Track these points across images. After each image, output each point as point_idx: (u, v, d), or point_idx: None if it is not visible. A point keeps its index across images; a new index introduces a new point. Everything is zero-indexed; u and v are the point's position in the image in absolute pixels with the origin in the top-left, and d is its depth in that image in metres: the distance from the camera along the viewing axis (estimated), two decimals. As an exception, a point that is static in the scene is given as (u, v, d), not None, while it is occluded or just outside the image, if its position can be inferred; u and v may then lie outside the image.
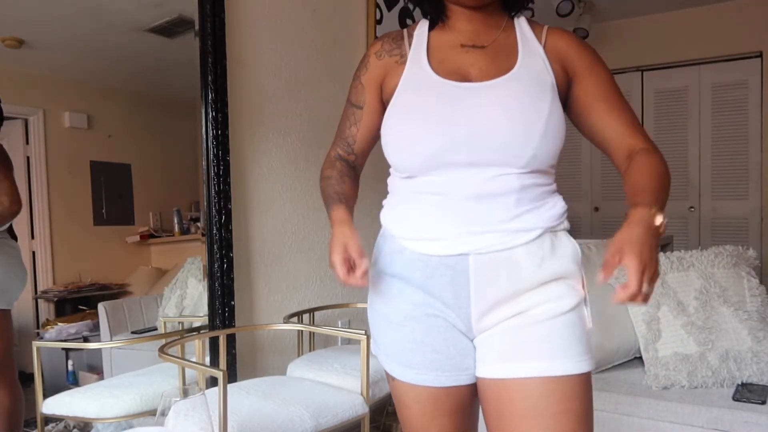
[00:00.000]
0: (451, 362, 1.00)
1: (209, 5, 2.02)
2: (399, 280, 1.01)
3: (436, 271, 0.97)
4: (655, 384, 1.92)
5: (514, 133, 0.93)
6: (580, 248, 1.00)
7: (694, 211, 4.52)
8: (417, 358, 1.00)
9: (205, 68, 2.02)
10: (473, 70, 1.00)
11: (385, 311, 1.04)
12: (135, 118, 2.06)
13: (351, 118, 1.15)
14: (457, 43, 1.03)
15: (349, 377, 1.87)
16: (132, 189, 2.02)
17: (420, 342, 1.00)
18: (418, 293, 0.99)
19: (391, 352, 1.04)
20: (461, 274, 0.96)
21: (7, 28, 1.69)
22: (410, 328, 1.00)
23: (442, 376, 1.00)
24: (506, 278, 0.95)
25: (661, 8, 4.45)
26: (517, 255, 0.95)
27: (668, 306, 2.00)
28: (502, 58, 1.00)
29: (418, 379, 1.01)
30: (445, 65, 1.01)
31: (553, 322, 0.94)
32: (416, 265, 0.99)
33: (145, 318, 2.07)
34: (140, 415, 1.71)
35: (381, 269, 1.05)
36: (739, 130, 4.35)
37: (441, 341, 0.99)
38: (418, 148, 0.96)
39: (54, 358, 1.89)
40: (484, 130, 0.94)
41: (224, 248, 2.06)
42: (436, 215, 0.98)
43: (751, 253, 2.14)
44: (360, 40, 2.86)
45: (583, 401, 0.94)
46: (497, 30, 1.04)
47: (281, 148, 2.40)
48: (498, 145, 0.93)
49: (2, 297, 1.72)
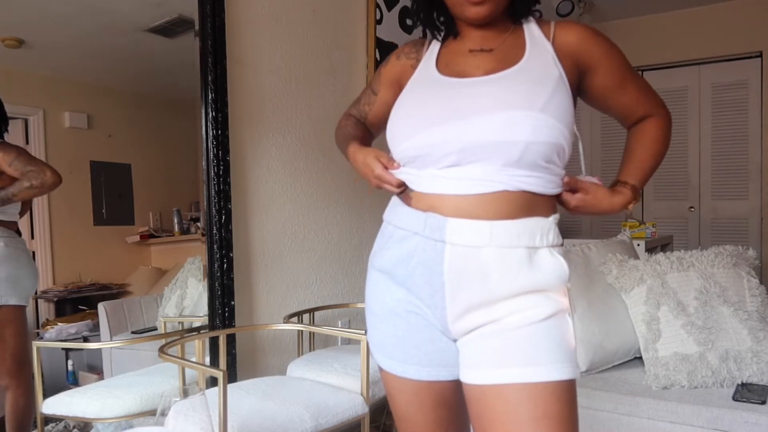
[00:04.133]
0: (430, 358, 1.03)
1: (209, 5, 2.02)
2: (385, 276, 1.05)
3: (415, 270, 0.99)
4: (655, 384, 1.92)
5: (507, 117, 0.93)
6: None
7: (694, 211, 4.52)
8: (398, 351, 1.04)
9: (205, 68, 2.02)
10: (478, 71, 1.02)
11: (372, 305, 1.08)
12: (135, 118, 2.06)
13: (366, 98, 1.24)
14: (466, 49, 1.06)
15: (349, 377, 1.87)
16: (132, 189, 2.02)
17: (401, 337, 1.03)
18: (401, 290, 1.02)
19: (377, 343, 1.08)
20: (437, 276, 0.97)
21: (7, 28, 1.69)
22: (393, 323, 1.04)
23: (422, 370, 1.03)
24: (479, 284, 0.95)
25: (661, 8, 4.45)
26: (489, 263, 0.95)
27: (668, 306, 2.00)
28: (509, 59, 1.02)
29: (399, 371, 1.05)
30: (451, 67, 1.05)
31: (528, 329, 0.94)
32: (399, 262, 1.02)
33: (145, 318, 2.07)
34: (140, 415, 1.71)
35: (372, 264, 1.10)
36: (739, 130, 4.35)
37: (420, 338, 1.02)
38: (411, 139, 0.99)
39: (54, 358, 1.89)
40: (475, 120, 0.94)
41: (224, 248, 2.06)
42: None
43: (751, 253, 2.14)
44: (360, 40, 2.86)
45: (564, 407, 0.92)
46: (504, 33, 1.06)
47: (281, 148, 2.40)
48: (489, 133, 0.93)
49: (15, 292, 1.74)
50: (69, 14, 1.86)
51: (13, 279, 1.75)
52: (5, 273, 1.72)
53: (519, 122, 0.92)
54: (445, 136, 0.95)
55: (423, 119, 0.99)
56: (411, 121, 1.01)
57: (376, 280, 1.07)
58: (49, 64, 1.82)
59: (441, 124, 0.96)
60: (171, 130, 2.19)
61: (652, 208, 4.65)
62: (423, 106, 1.01)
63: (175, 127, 2.20)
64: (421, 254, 0.98)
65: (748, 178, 4.34)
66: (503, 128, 0.92)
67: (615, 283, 2.15)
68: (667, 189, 4.60)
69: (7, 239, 1.73)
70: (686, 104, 4.51)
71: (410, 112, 1.02)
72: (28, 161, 1.73)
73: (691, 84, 4.50)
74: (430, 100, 1.01)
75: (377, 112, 1.22)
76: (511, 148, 0.92)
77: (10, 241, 1.74)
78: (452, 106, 0.97)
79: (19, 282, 1.76)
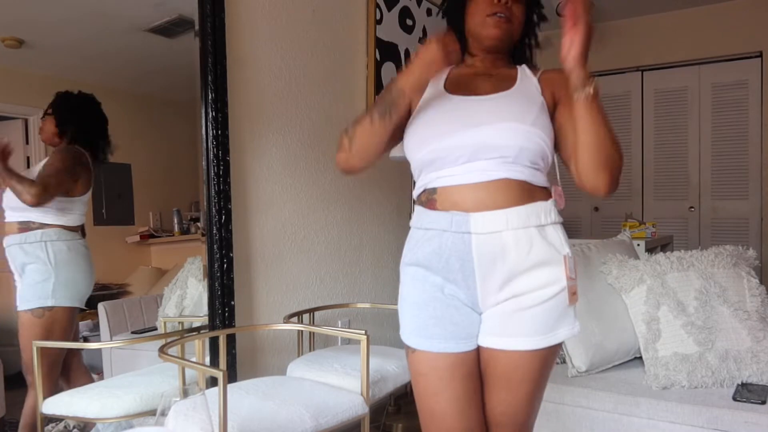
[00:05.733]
0: (465, 332, 1.24)
1: (209, 5, 2.02)
2: (422, 268, 1.25)
3: (449, 260, 1.21)
4: (655, 384, 1.92)
5: (505, 127, 1.19)
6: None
7: (694, 211, 4.52)
8: (439, 329, 1.23)
9: (205, 68, 2.02)
10: (479, 90, 1.27)
11: (409, 296, 1.27)
12: (135, 118, 2.06)
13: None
14: (472, 72, 1.34)
15: (349, 377, 1.87)
16: (132, 189, 2.02)
17: (440, 317, 1.23)
18: (438, 278, 1.23)
19: (415, 328, 1.25)
20: (468, 263, 1.20)
21: (7, 28, 1.69)
22: (433, 306, 1.23)
23: (460, 343, 1.23)
24: (501, 262, 1.19)
25: (661, 8, 4.45)
26: (508, 243, 1.18)
27: (668, 306, 2.00)
28: (503, 82, 1.29)
29: (441, 348, 1.22)
30: (457, 86, 1.30)
31: (536, 309, 1.20)
32: (433, 256, 1.23)
33: (145, 318, 2.07)
34: (140, 415, 1.71)
35: (405, 263, 1.29)
36: (739, 130, 4.35)
37: (457, 316, 1.23)
38: (429, 146, 1.22)
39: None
40: (482, 128, 1.19)
41: (224, 248, 2.06)
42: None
43: (751, 253, 2.14)
44: (360, 40, 2.86)
45: (544, 371, 1.25)
46: (503, 68, 1.34)
47: (281, 148, 2.40)
48: (492, 137, 1.18)
49: (69, 294, 1.83)
50: (69, 14, 1.86)
51: (72, 282, 1.83)
52: (64, 276, 1.81)
53: (515, 131, 1.19)
54: (459, 141, 1.19)
55: (438, 130, 1.22)
56: (427, 132, 1.23)
57: (412, 274, 1.26)
58: (49, 64, 1.82)
59: (455, 132, 1.20)
60: (171, 130, 2.19)
61: (652, 208, 4.65)
62: (437, 119, 1.24)
63: (175, 127, 2.20)
64: (452, 247, 1.20)
65: (748, 178, 4.34)
66: (503, 135, 1.18)
67: (615, 283, 2.15)
68: (667, 189, 4.60)
69: (70, 243, 1.82)
70: (686, 104, 4.51)
71: (426, 124, 1.25)
72: (55, 172, 1.81)
73: (691, 84, 4.50)
74: (442, 115, 1.24)
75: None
76: (509, 150, 1.19)
77: (73, 245, 1.83)
78: (463, 118, 1.21)
79: (75, 285, 1.84)
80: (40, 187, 1.74)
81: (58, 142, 1.82)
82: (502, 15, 1.26)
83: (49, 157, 1.81)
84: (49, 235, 1.78)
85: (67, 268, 1.82)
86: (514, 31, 1.30)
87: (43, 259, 1.77)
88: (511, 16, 1.28)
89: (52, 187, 1.77)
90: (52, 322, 1.78)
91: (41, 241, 1.77)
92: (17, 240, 1.75)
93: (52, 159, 1.81)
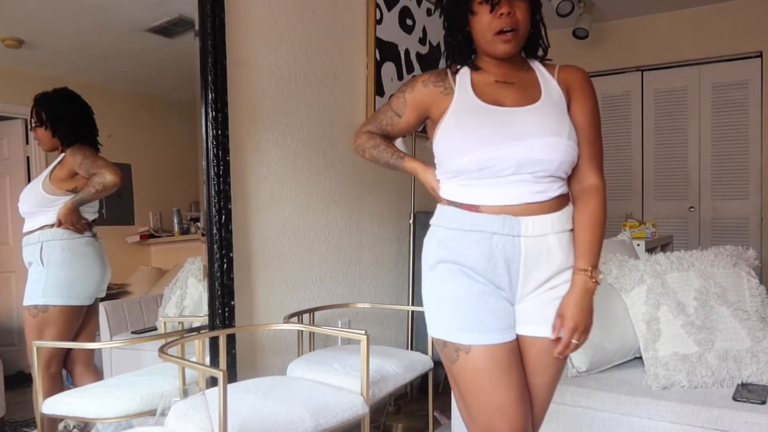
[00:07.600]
0: (511, 322, 1.32)
1: (209, 5, 2.02)
2: (465, 268, 1.30)
3: (497, 263, 1.28)
4: (654, 384, 1.92)
5: (547, 142, 1.25)
6: None
7: (694, 211, 4.52)
8: (495, 322, 1.29)
9: (205, 68, 2.02)
10: (507, 100, 1.31)
11: (456, 292, 1.30)
12: (135, 118, 2.06)
13: (388, 119, 1.47)
14: (492, 80, 1.35)
15: (349, 377, 1.87)
16: (132, 189, 2.02)
17: (492, 311, 1.29)
18: (482, 278, 1.29)
19: (467, 325, 1.29)
20: (515, 264, 1.28)
21: (7, 28, 1.69)
22: (484, 300, 1.29)
23: (508, 333, 1.31)
24: (545, 263, 1.29)
25: (661, 8, 4.45)
26: (552, 245, 1.28)
27: (668, 306, 2.00)
28: (527, 91, 1.32)
29: (500, 339, 1.29)
30: (485, 96, 1.32)
31: (557, 302, 1.32)
32: (482, 258, 1.28)
33: (145, 318, 2.07)
34: (140, 415, 1.71)
35: (443, 258, 1.32)
36: (739, 130, 4.35)
37: (502, 309, 1.31)
38: (471, 154, 1.25)
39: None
40: (526, 142, 1.24)
41: (224, 248, 2.06)
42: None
43: (750, 253, 2.14)
44: (360, 40, 2.86)
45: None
46: (521, 71, 1.36)
47: (281, 148, 2.40)
48: (536, 152, 1.24)
49: (81, 292, 1.86)
50: (69, 14, 1.86)
51: (66, 282, 1.84)
52: (56, 276, 1.81)
53: (555, 146, 1.25)
54: (505, 153, 1.24)
55: (480, 139, 1.26)
56: (468, 140, 1.27)
57: (450, 271, 1.30)
58: (49, 64, 1.82)
59: (498, 143, 1.24)
60: (171, 130, 2.18)
61: (652, 208, 4.65)
62: (476, 127, 1.28)
63: (175, 127, 2.19)
64: (502, 249, 1.27)
65: (748, 178, 4.34)
66: (546, 150, 1.25)
67: (615, 283, 2.15)
68: (667, 189, 4.60)
69: (68, 242, 1.83)
70: (686, 104, 4.51)
71: (466, 132, 1.28)
72: (93, 163, 1.84)
73: (691, 84, 4.50)
74: (482, 123, 1.28)
75: (400, 132, 1.48)
76: (552, 163, 1.26)
77: (72, 244, 1.84)
78: (504, 129, 1.26)
79: (70, 284, 1.85)
80: (106, 168, 1.83)
81: (58, 144, 1.81)
82: (509, 30, 1.26)
83: (70, 157, 1.82)
84: (46, 236, 1.78)
85: (61, 267, 1.82)
86: (522, 35, 1.30)
87: (38, 259, 1.78)
88: (517, 24, 1.27)
89: (110, 165, 1.84)
90: (45, 321, 1.79)
91: (38, 242, 1.77)
92: (24, 241, 1.78)
93: (76, 156, 1.82)
